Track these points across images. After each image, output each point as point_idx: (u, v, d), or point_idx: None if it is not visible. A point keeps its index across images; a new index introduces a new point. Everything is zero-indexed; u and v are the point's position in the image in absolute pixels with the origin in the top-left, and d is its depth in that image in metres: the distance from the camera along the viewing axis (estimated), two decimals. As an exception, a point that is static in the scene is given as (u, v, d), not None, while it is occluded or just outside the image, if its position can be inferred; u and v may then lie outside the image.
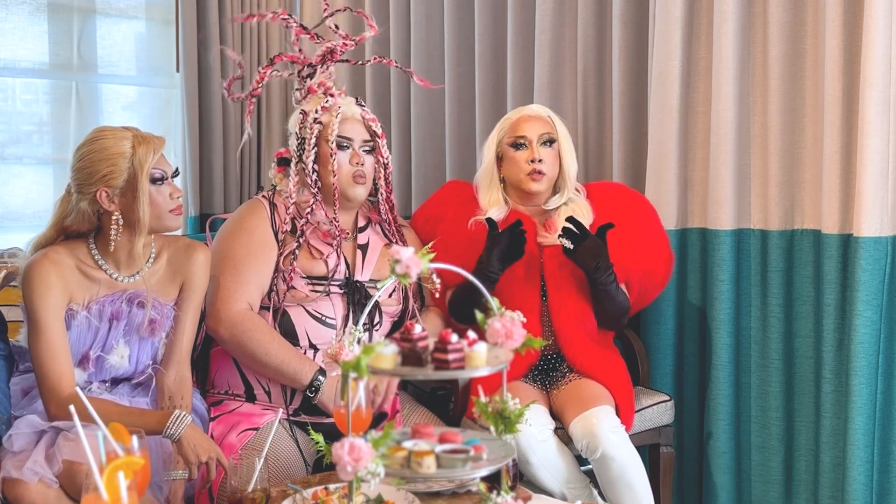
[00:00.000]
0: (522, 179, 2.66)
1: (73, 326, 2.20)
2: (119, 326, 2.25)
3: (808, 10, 2.72)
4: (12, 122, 3.56)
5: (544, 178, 2.66)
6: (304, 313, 2.49)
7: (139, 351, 2.29)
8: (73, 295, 2.20)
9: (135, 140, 2.19)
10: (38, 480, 2.00)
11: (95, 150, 2.18)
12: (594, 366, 2.59)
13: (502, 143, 2.71)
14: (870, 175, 2.50)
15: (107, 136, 2.19)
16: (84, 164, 2.19)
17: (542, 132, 2.67)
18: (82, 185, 2.19)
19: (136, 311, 2.26)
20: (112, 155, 2.16)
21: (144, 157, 2.17)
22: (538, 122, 2.69)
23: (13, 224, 3.43)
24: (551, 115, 2.73)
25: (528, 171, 2.64)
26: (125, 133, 2.20)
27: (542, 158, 2.65)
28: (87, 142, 2.22)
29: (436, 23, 3.58)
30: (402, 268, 1.58)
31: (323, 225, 2.52)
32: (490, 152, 2.73)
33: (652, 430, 2.72)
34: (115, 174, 2.16)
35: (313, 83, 2.58)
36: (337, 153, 2.50)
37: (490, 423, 1.72)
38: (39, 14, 3.53)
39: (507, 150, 2.69)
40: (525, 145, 2.66)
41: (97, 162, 2.17)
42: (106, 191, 2.17)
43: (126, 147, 2.17)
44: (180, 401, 2.29)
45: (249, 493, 1.97)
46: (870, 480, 2.58)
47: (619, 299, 2.61)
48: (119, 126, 2.24)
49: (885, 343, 2.57)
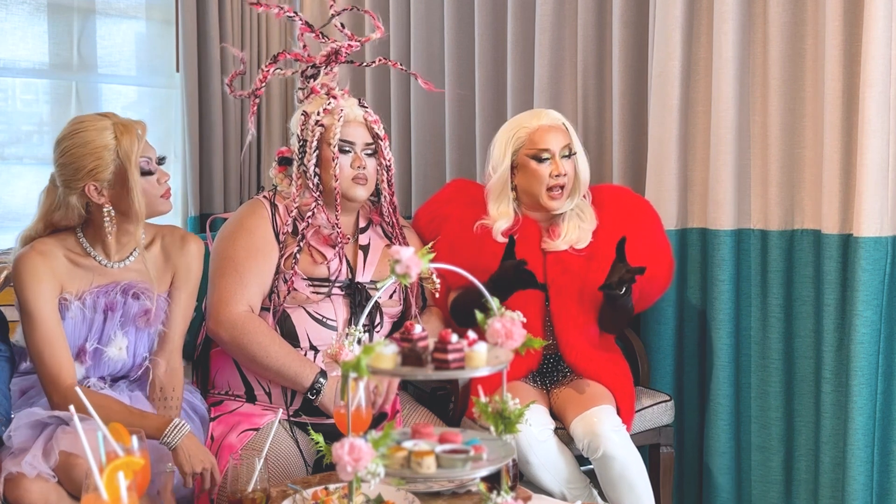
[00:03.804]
0: (542, 194, 2.62)
1: (67, 318, 2.18)
2: (115, 318, 2.23)
3: (808, 10, 2.72)
4: (12, 122, 3.56)
5: (563, 194, 2.63)
6: (304, 315, 2.48)
7: (136, 342, 2.28)
8: (64, 284, 2.18)
9: (116, 129, 2.15)
10: (36, 475, 1.99)
11: (78, 145, 2.14)
12: (597, 370, 2.59)
13: (520, 152, 2.64)
14: (870, 175, 2.50)
15: (87, 129, 2.15)
16: (68, 159, 2.15)
17: (563, 144, 2.63)
18: (69, 181, 2.16)
19: (130, 301, 2.24)
20: (96, 148, 2.13)
21: (129, 147, 2.14)
22: (559, 134, 2.64)
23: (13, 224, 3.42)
24: (566, 122, 2.69)
25: (550, 186, 2.61)
26: (104, 122, 2.16)
27: (566, 172, 2.62)
28: (67, 135, 2.17)
29: (436, 23, 3.57)
30: (402, 268, 1.58)
31: (324, 229, 2.51)
32: (506, 161, 2.65)
33: (652, 430, 2.72)
34: (101, 167, 2.14)
35: (316, 84, 2.56)
36: (339, 157, 2.48)
37: (490, 423, 1.72)
38: (39, 14, 3.53)
39: (528, 162, 2.63)
40: (548, 159, 2.61)
41: (82, 157, 2.14)
42: (94, 184, 2.14)
43: (108, 138, 2.14)
44: (171, 392, 2.29)
45: (249, 493, 1.97)
46: (870, 480, 2.57)
47: (629, 309, 2.61)
48: (96, 114, 2.20)
49: (885, 343, 2.57)
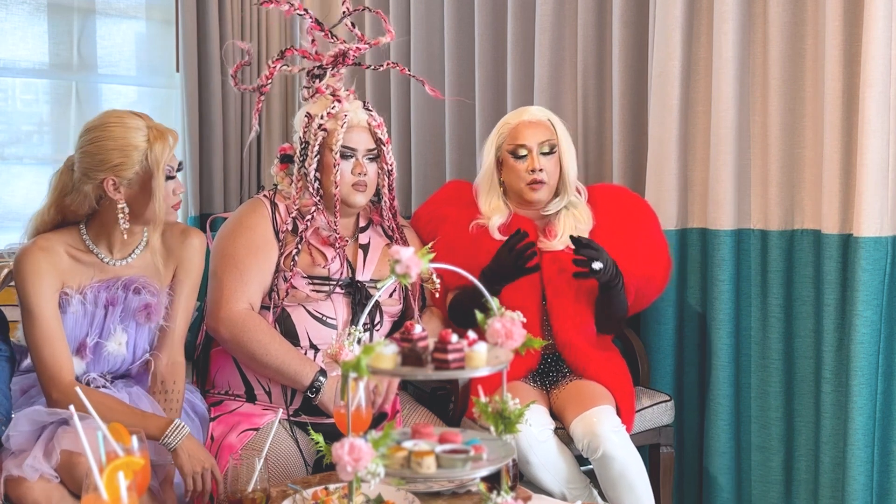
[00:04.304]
0: (523, 189, 2.64)
1: (68, 312, 2.18)
2: (115, 312, 2.23)
3: (808, 10, 2.72)
4: (12, 122, 3.56)
5: (544, 187, 2.64)
6: (304, 313, 2.49)
7: (137, 337, 2.28)
8: (64, 279, 2.18)
9: (150, 133, 2.14)
10: (38, 477, 1.99)
11: (108, 137, 2.13)
12: (595, 368, 2.59)
13: (502, 148, 2.67)
14: (870, 175, 2.50)
15: (121, 124, 2.14)
16: (94, 148, 2.13)
17: (542, 140, 2.63)
18: (89, 170, 2.14)
19: (131, 296, 2.24)
20: (125, 146, 2.12)
21: (160, 153, 2.13)
22: (539, 129, 2.64)
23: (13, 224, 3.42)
24: (552, 117, 2.69)
25: (528, 181, 2.62)
26: (139, 122, 2.15)
27: (543, 167, 2.61)
28: (99, 125, 2.15)
29: (436, 23, 3.57)
30: (401, 268, 1.58)
31: (323, 231, 2.51)
32: (490, 156, 2.69)
33: (652, 430, 2.72)
34: (126, 165, 2.12)
35: (322, 84, 2.55)
36: (340, 163, 2.48)
37: (490, 423, 1.71)
38: (39, 14, 3.52)
39: (507, 158, 2.66)
40: (525, 154, 2.62)
41: (109, 150, 2.12)
42: (114, 180, 2.13)
43: (140, 139, 2.13)
44: (172, 385, 2.29)
45: (249, 493, 1.97)
46: (870, 480, 2.57)
47: (624, 301, 2.61)
48: (131, 112, 2.19)
49: (885, 343, 2.57)
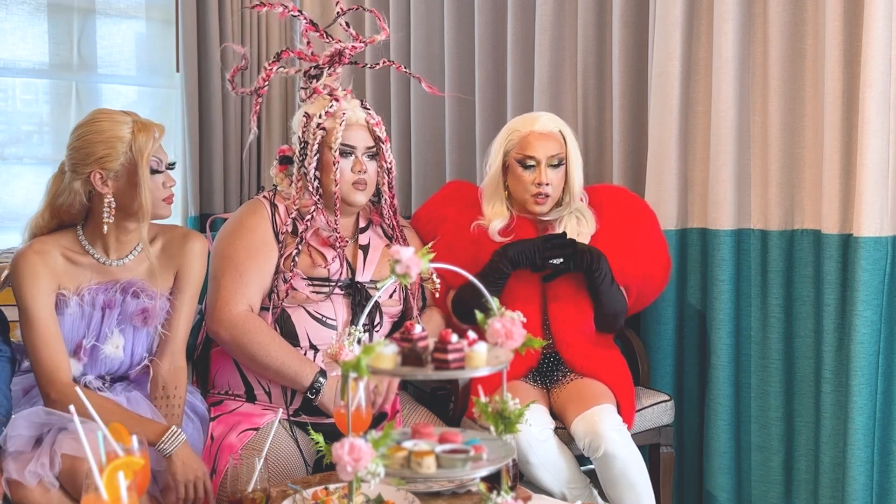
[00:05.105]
0: (527, 200, 2.63)
1: (65, 314, 2.20)
2: (112, 315, 2.24)
3: (808, 10, 2.72)
4: (12, 122, 3.56)
5: (548, 200, 2.63)
6: (304, 314, 2.48)
7: (134, 341, 2.28)
8: (61, 281, 2.20)
9: (135, 126, 2.19)
10: (38, 483, 2.00)
11: (93, 132, 2.18)
12: (595, 367, 2.59)
13: (510, 154, 2.65)
14: (870, 175, 2.50)
15: (106, 119, 2.20)
16: (80, 143, 2.19)
17: (551, 154, 2.60)
18: (77, 165, 2.19)
19: (129, 300, 2.25)
20: (110, 138, 2.17)
21: (144, 144, 2.17)
22: (549, 142, 2.62)
23: (13, 224, 3.42)
24: (563, 128, 2.66)
25: (533, 193, 2.61)
26: (125, 117, 2.20)
27: (549, 182, 2.60)
28: (85, 122, 2.22)
29: (436, 23, 3.57)
30: (402, 268, 1.58)
31: (323, 231, 2.51)
32: (497, 161, 2.66)
33: (652, 430, 2.72)
34: (111, 157, 2.16)
35: (319, 84, 2.56)
36: (339, 161, 2.48)
37: (490, 423, 1.72)
38: (39, 14, 3.52)
39: (515, 166, 2.64)
40: (533, 166, 2.60)
41: (94, 143, 2.17)
42: (100, 172, 2.17)
43: (125, 132, 2.17)
44: (174, 390, 2.29)
45: (249, 493, 1.97)
46: (870, 480, 2.58)
47: (616, 295, 2.61)
48: (119, 110, 2.24)
49: (885, 343, 2.57)
